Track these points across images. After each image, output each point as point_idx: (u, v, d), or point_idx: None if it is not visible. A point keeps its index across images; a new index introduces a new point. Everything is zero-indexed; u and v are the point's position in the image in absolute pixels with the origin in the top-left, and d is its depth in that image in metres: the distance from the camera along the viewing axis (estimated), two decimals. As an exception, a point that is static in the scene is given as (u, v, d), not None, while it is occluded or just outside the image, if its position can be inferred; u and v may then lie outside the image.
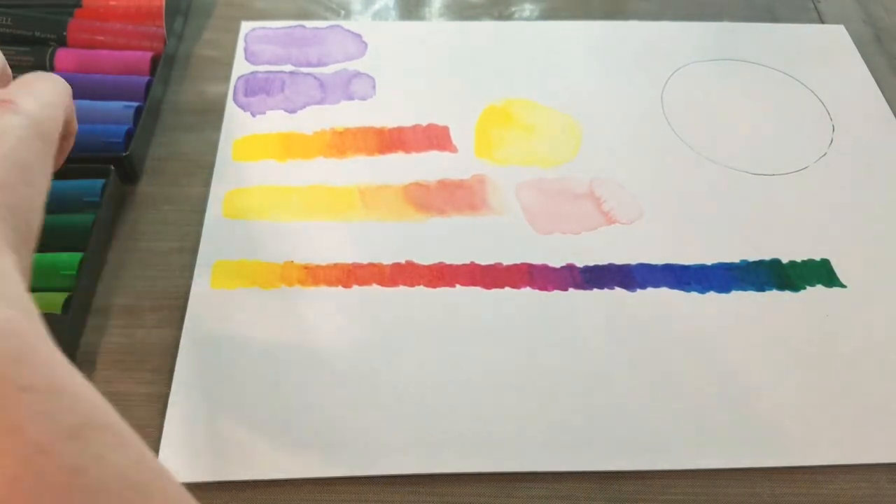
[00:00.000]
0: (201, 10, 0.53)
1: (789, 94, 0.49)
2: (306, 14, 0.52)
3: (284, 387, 0.35)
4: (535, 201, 0.42)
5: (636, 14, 0.53)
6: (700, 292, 0.39)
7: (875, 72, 0.50)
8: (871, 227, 0.42)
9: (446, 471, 0.32)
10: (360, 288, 0.38)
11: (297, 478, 0.32)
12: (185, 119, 0.46)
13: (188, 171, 0.43)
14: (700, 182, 0.43)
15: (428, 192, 0.42)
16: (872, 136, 0.46)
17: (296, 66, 0.49)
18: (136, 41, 0.47)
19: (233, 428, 0.33)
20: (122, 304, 0.38)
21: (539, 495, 0.32)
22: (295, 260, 0.39)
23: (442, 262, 0.39)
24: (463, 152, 0.44)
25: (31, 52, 0.45)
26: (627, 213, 0.42)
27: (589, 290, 0.38)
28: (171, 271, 0.39)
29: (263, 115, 0.46)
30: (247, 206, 0.41)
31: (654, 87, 0.48)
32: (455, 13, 0.53)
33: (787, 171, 0.44)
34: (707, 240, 0.41)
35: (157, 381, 0.35)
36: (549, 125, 0.46)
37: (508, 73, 0.49)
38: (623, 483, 0.31)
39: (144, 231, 0.41)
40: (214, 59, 0.49)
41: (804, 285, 0.39)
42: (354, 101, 0.47)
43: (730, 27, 0.53)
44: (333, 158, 0.44)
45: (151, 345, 0.36)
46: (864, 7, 0.55)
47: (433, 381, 0.35)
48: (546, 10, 0.54)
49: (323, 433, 0.33)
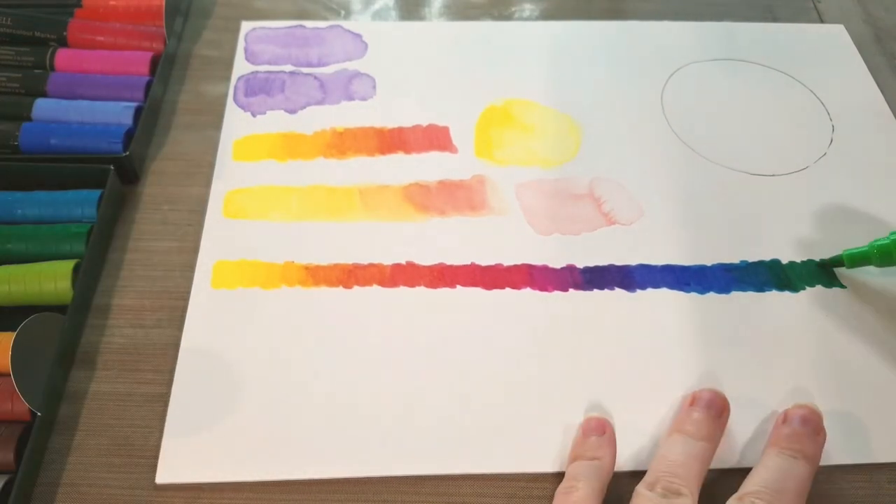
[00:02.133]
0: (201, 10, 0.53)
1: (789, 94, 0.49)
2: (306, 14, 0.52)
3: (285, 387, 0.35)
4: (535, 202, 0.42)
5: (636, 14, 0.53)
6: (700, 293, 0.39)
7: (875, 72, 0.50)
8: (870, 227, 0.42)
9: (447, 472, 0.32)
10: (361, 288, 0.38)
11: (298, 479, 0.32)
12: (185, 119, 0.46)
13: (188, 171, 0.43)
14: (700, 182, 0.43)
15: (428, 192, 0.42)
16: (872, 136, 0.46)
17: (296, 66, 0.49)
18: (136, 41, 0.47)
19: (233, 429, 0.33)
20: (122, 304, 0.38)
21: (540, 495, 0.32)
22: (295, 260, 0.39)
23: (442, 263, 0.39)
24: (463, 152, 0.44)
25: (31, 52, 0.45)
26: (627, 214, 0.42)
27: (589, 291, 0.38)
28: (171, 271, 0.39)
29: (264, 116, 0.46)
30: (247, 206, 0.41)
31: (654, 87, 0.48)
32: (455, 13, 0.53)
33: (787, 171, 0.44)
34: (707, 240, 0.41)
35: (157, 381, 0.35)
36: (549, 125, 0.46)
37: (508, 73, 0.49)
38: (623, 482, 0.31)
39: (144, 231, 0.41)
40: (214, 59, 0.49)
41: (804, 286, 0.39)
42: (355, 102, 0.47)
43: (730, 27, 0.53)
44: (334, 159, 0.44)
45: (151, 345, 0.36)
46: (863, 7, 0.55)
47: (433, 382, 0.35)
48: (546, 10, 0.54)
49: (324, 434, 0.33)
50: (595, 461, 0.31)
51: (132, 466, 0.32)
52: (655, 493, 0.29)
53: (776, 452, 0.31)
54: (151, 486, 0.32)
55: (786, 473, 0.30)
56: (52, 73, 0.45)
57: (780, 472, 0.30)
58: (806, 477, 0.30)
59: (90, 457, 0.33)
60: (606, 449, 0.32)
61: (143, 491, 0.32)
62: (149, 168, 0.43)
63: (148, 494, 0.32)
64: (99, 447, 0.33)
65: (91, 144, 0.41)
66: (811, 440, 0.31)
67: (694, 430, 0.31)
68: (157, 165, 0.44)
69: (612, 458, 0.32)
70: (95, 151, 0.41)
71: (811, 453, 0.31)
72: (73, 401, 0.34)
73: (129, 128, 0.42)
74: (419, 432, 0.33)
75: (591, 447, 0.32)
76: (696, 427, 0.32)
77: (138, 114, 0.43)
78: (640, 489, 0.29)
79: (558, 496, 0.30)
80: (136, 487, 0.32)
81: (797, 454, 0.30)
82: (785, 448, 0.31)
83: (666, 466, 0.30)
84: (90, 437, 0.33)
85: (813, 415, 0.32)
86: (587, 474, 0.30)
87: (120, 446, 0.33)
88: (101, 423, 0.34)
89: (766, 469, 0.30)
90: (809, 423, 0.32)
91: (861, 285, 0.39)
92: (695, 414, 0.32)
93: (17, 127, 0.41)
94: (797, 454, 0.30)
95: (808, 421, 0.32)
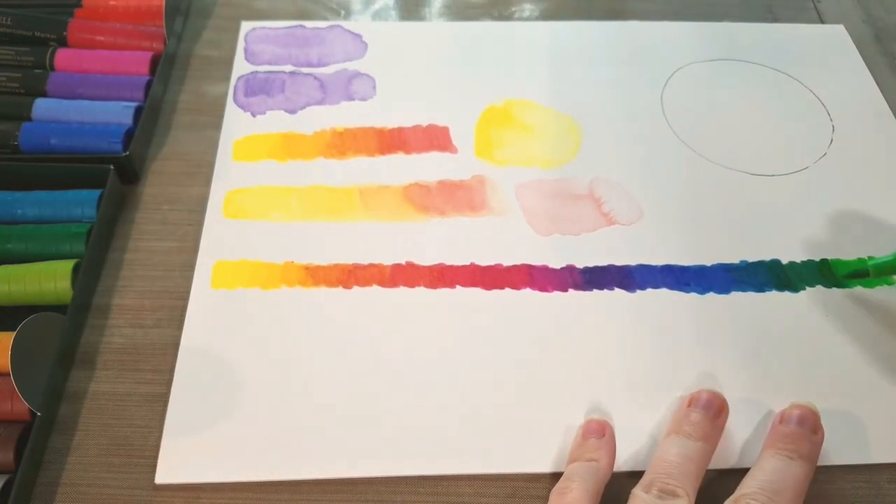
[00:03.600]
0: (201, 10, 0.53)
1: (789, 94, 0.49)
2: (306, 14, 0.52)
3: (285, 387, 0.35)
4: (535, 202, 0.42)
5: (636, 14, 0.53)
6: (700, 293, 0.39)
7: (875, 71, 0.50)
8: (870, 227, 0.42)
9: (447, 473, 0.32)
10: (361, 289, 0.38)
11: (298, 479, 0.32)
12: (185, 119, 0.46)
13: (188, 171, 0.43)
14: (700, 183, 0.43)
15: (428, 192, 0.42)
16: (872, 136, 0.46)
17: (296, 66, 0.49)
18: (136, 41, 0.47)
19: (233, 429, 0.33)
20: (122, 304, 0.38)
21: (539, 495, 0.32)
22: (295, 260, 0.39)
23: (442, 263, 0.39)
24: (463, 153, 0.44)
25: (31, 52, 0.45)
26: (627, 214, 0.42)
27: (589, 291, 0.38)
28: (171, 271, 0.39)
29: (263, 116, 0.46)
30: (247, 206, 0.41)
31: (654, 87, 0.48)
32: (455, 13, 0.53)
33: (787, 172, 0.44)
34: (707, 240, 0.41)
35: (157, 381, 0.35)
36: (549, 126, 0.46)
37: (508, 73, 0.49)
38: (622, 482, 0.31)
39: (144, 231, 0.41)
40: (214, 59, 0.49)
41: (804, 286, 0.39)
42: (355, 102, 0.47)
43: (730, 27, 0.53)
44: (334, 159, 0.44)
45: (151, 345, 0.36)
46: (863, 7, 0.55)
47: (433, 382, 0.35)
48: (546, 10, 0.54)
49: (323, 434, 0.33)
50: (592, 462, 0.31)
51: (132, 466, 0.32)
52: (651, 494, 0.29)
53: (773, 453, 0.31)
54: (151, 486, 0.32)
55: (783, 474, 0.29)
56: (52, 73, 0.45)
57: (777, 473, 0.29)
58: (803, 477, 0.29)
59: (90, 457, 0.33)
60: (604, 451, 0.32)
61: (143, 491, 0.32)
62: (149, 168, 0.43)
63: (148, 494, 0.32)
64: (99, 447, 0.33)
65: (91, 144, 0.41)
66: (808, 440, 0.31)
67: (691, 431, 0.31)
68: (157, 165, 0.44)
69: (609, 460, 0.32)
70: (95, 151, 0.41)
71: (808, 453, 0.30)
72: (72, 401, 0.34)
73: (129, 128, 0.43)
74: (418, 432, 0.33)
75: (590, 449, 0.32)
76: (693, 428, 0.31)
77: (138, 114, 0.43)
78: (636, 491, 0.29)
79: (553, 496, 0.30)
80: (135, 487, 0.32)
81: (794, 454, 0.30)
82: (781, 448, 0.31)
83: (662, 468, 0.30)
84: (90, 437, 0.33)
85: (810, 414, 0.32)
86: (583, 475, 0.30)
87: (119, 446, 0.33)
88: (101, 423, 0.34)
89: (762, 470, 0.30)
90: (807, 423, 0.32)
91: (861, 285, 0.39)
92: (692, 415, 0.32)
93: (17, 127, 0.41)
94: (794, 454, 0.30)
95: (806, 420, 0.32)
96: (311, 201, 0.42)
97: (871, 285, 0.39)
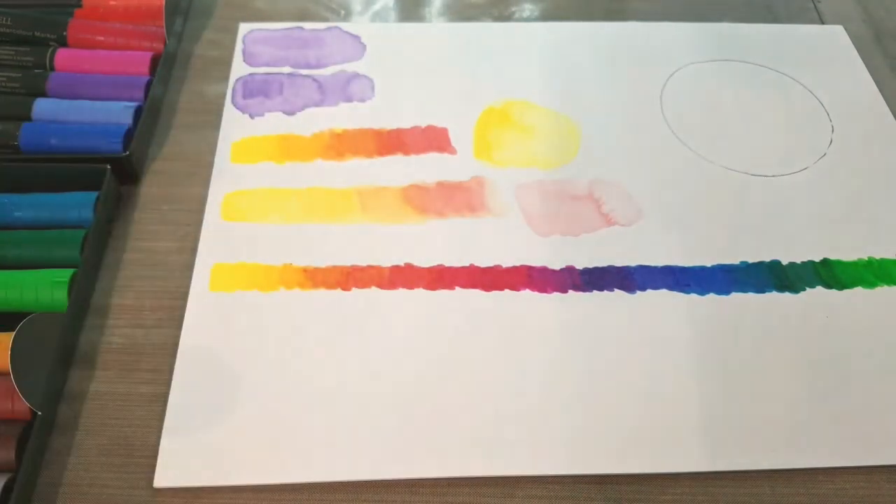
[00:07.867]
0: (201, 10, 0.53)
1: (789, 94, 0.49)
2: (307, 14, 0.52)
3: (283, 390, 0.35)
4: (534, 203, 0.42)
5: (636, 14, 0.53)
6: (700, 294, 0.39)
7: (874, 72, 0.50)
8: (870, 227, 0.42)
9: (447, 475, 0.32)
10: (359, 290, 0.38)
11: (297, 482, 0.32)
12: (185, 119, 0.46)
13: (188, 171, 0.43)
14: (699, 183, 0.43)
15: (427, 193, 0.42)
16: (872, 136, 0.46)
17: (294, 67, 0.49)
18: (136, 41, 0.47)
19: (231, 431, 0.33)
20: (122, 304, 0.38)
21: (539, 496, 0.32)
22: (294, 262, 0.39)
23: (441, 265, 0.39)
24: (462, 154, 0.44)
25: (31, 52, 0.45)
26: (627, 215, 0.42)
27: (588, 292, 0.38)
28: (170, 271, 0.39)
29: (262, 117, 0.46)
30: (245, 208, 0.41)
31: (653, 87, 0.48)
32: (455, 14, 0.53)
33: (787, 172, 0.44)
34: (706, 241, 0.41)
35: (156, 381, 0.35)
36: (548, 126, 0.46)
37: (507, 74, 0.49)
38: (622, 484, 0.31)
39: (144, 231, 0.41)
40: (214, 59, 0.49)
41: (804, 287, 0.39)
42: (353, 103, 0.47)
43: (730, 27, 0.53)
44: (332, 160, 0.44)
45: (151, 345, 0.36)
46: (863, 7, 0.55)
47: (433, 383, 0.35)
48: (546, 10, 0.54)
49: (322, 436, 0.33)
50: None
51: (131, 466, 0.32)
52: None
53: None
54: (150, 486, 0.32)
55: None
56: (52, 73, 0.45)
57: None
58: None
59: (90, 457, 0.33)
60: None
61: (143, 491, 0.32)
62: (149, 168, 0.43)
63: (147, 494, 0.32)
64: (99, 447, 0.33)
65: (91, 144, 0.41)
66: None
67: None
68: (157, 165, 0.44)
69: None
70: (95, 151, 0.41)
71: None
72: (72, 401, 0.34)
73: (129, 128, 0.43)
74: (418, 434, 0.33)
75: None
76: None
77: (138, 114, 0.43)
78: None
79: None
80: (135, 487, 0.32)
81: None
82: None
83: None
84: (90, 437, 0.33)
85: None
86: None
87: (119, 446, 0.33)
88: (101, 423, 0.34)
89: None
90: None
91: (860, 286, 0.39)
92: None
93: (17, 127, 0.41)
94: None
95: None
96: (310, 203, 0.42)
97: (872, 285, 0.39)
